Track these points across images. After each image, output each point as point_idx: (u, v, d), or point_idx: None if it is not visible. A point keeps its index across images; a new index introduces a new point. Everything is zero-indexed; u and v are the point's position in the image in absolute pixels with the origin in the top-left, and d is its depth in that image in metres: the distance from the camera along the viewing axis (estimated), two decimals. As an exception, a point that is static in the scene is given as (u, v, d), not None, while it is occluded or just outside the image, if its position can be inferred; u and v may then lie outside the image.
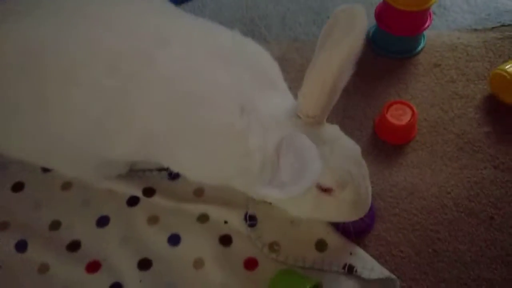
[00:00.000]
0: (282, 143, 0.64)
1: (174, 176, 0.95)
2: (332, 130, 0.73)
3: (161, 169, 0.96)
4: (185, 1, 1.32)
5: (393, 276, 0.79)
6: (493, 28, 1.17)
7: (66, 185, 0.94)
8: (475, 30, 1.18)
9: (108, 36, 0.69)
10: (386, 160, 0.97)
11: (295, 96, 0.71)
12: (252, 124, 0.70)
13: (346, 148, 0.73)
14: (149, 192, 0.91)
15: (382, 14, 1.10)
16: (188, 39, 0.74)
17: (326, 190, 0.71)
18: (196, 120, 0.71)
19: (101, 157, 0.80)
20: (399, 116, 0.96)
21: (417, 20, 1.07)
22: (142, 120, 0.71)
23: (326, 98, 0.67)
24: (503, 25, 1.17)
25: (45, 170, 0.95)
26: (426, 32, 1.14)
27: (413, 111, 0.96)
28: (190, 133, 0.72)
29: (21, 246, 0.86)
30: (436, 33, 1.17)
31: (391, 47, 1.13)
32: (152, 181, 0.94)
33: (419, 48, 1.14)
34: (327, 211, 0.74)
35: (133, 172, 0.95)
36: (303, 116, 0.69)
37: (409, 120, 0.95)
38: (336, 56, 0.63)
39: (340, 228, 0.83)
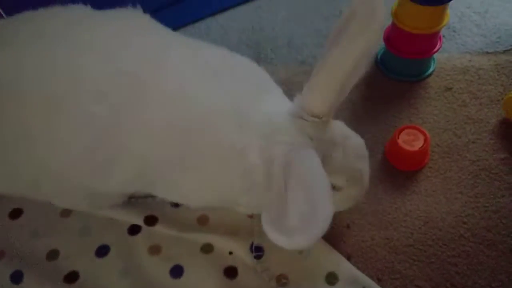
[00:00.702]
0: (290, 161, 0.59)
1: (177, 203, 0.92)
2: (340, 128, 0.71)
3: (164, 196, 0.93)
4: (189, 23, 1.31)
5: (409, 313, 0.75)
6: (504, 51, 1.15)
7: (66, 212, 0.91)
8: (487, 53, 1.15)
9: (92, 61, 0.66)
10: (398, 188, 0.93)
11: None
12: (252, 139, 0.66)
13: (356, 146, 0.71)
14: (151, 220, 0.88)
15: (391, 37, 1.08)
16: (177, 59, 0.70)
17: (334, 188, 0.68)
18: (196, 145, 0.68)
19: (92, 189, 0.76)
20: (411, 142, 0.92)
21: (427, 43, 1.05)
22: (137, 149, 0.68)
23: (336, 95, 0.63)
24: (515, 48, 1.15)
25: (45, 196, 0.92)
26: (436, 55, 1.11)
27: (425, 136, 0.93)
28: (190, 158, 0.69)
29: (17, 277, 0.82)
30: (447, 56, 1.15)
31: (400, 70, 1.11)
32: (154, 209, 0.90)
33: (429, 71, 1.12)
34: (336, 204, 0.70)
35: (134, 199, 0.91)
36: (309, 115, 0.65)
37: (422, 146, 0.91)
38: (352, 51, 0.59)
39: None
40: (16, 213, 0.91)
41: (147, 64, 0.68)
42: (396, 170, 0.95)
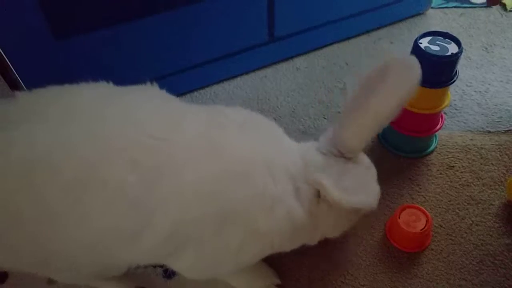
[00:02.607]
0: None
1: (169, 274, 0.89)
2: (364, 156, 0.79)
3: (156, 265, 0.90)
4: (196, 89, 1.35)
5: None
6: (506, 131, 1.15)
7: (53, 279, 0.88)
8: (488, 132, 1.16)
9: (122, 131, 0.67)
10: (399, 270, 0.89)
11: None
12: (286, 184, 0.70)
13: (372, 168, 0.80)
14: (140, 292, 0.84)
15: (393, 113, 1.10)
16: (198, 119, 0.72)
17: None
18: (234, 199, 0.66)
19: (114, 259, 0.71)
20: (412, 222, 0.90)
21: (429, 121, 1.06)
22: (171, 212, 0.65)
23: (373, 134, 0.72)
24: (516, 129, 1.16)
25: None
26: (438, 132, 1.12)
27: (427, 217, 0.90)
28: (229, 214, 0.67)
29: None
30: (448, 133, 1.15)
31: (402, 146, 1.11)
32: (145, 280, 0.87)
33: (431, 148, 1.12)
34: (354, 221, 0.80)
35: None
36: (348, 151, 0.73)
37: (423, 228, 0.89)
38: (393, 100, 0.67)
39: None
40: (1, 277, 0.88)
41: (170, 128, 0.69)
42: (397, 250, 0.92)
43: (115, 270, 0.80)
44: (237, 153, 0.69)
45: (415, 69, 0.67)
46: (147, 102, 0.73)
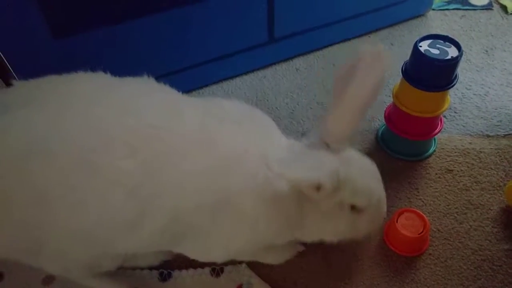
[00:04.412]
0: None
1: (165, 276, 0.88)
2: (354, 152, 0.78)
3: (152, 268, 0.89)
4: (195, 89, 1.34)
5: None
6: (505, 135, 1.15)
7: (48, 279, 0.87)
8: (487, 136, 1.15)
9: (120, 118, 0.67)
10: (396, 274, 0.89)
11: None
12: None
13: (368, 167, 0.79)
14: (136, 294, 0.84)
15: (392, 116, 1.09)
16: (196, 110, 0.74)
17: (359, 210, 0.74)
18: (228, 185, 0.69)
19: (104, 252, 0.72)
20: (410, 227, 0.90)
21: (428, 125, 1.05)
22: (169, 200, 0.67)
23: (355, 123, 0.72)
24: (516, 133, 1.15)
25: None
26: (437, 135, 1.11)
27: (425, 222, 0.90)
28: (225, 201, 0.69)
29: None
30: (447, 136, 1.15)
31: (401, 149, 1.10)
32: (140, 282, 0.86)
33: (430, 151, 1.11)
34: (360, 229, 0.78)
35: (122, 269, 0.88)
36: (332, 142, 0.73)
37: (421, 233, 0.88)
38: (368, 84, 0.69)
39: None
40: (-3, 277, 0.88)
41: (169, 117, 0.70)
42: (394, 254, 0.92)
43: (109, 262, 0.80)
44: (231, 146, 0.71)
45: (381, 58, 0.69)
46: (146, 92, 0.75)
